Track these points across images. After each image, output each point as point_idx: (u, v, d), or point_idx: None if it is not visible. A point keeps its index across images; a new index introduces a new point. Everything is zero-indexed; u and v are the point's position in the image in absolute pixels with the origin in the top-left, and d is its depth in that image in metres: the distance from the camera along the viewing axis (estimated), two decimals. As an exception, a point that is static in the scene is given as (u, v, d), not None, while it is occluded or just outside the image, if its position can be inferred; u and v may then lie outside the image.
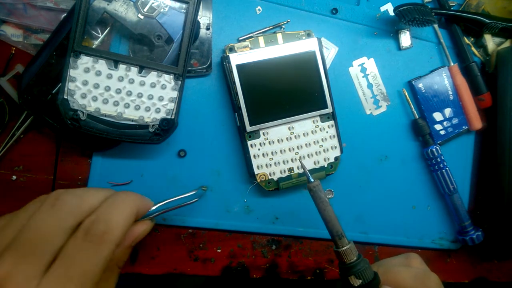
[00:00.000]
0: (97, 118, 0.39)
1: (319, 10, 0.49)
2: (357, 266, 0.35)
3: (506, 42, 0.54)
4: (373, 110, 0.51)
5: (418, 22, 0.47)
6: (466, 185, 0.54)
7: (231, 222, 0.46)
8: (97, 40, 0.41)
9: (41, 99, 0.40)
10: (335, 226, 0.36)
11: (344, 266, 0.35)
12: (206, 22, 0.45)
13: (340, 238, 0.36)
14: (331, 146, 0.46)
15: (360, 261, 0.35)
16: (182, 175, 0.45)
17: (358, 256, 0.36)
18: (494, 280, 0.57)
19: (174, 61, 0.41)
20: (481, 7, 0.54)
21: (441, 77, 0.52)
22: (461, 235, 0.52)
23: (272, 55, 0.43)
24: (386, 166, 0.51)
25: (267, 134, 0.44)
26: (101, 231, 0.27)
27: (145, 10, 0.40)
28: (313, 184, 0.36)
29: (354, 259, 0.35)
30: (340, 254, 0.35)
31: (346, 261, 0.35)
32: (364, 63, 0.50)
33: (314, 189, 0.36)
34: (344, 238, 0.36)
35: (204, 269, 0.46)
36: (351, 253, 0.35)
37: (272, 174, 0.45)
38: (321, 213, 0.36)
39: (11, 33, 0.42)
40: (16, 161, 0.43)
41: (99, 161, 0.43)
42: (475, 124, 0.52)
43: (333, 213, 0.36)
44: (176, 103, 0.41)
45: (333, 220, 0.36)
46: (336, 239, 0.36)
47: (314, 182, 0.36)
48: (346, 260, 0.35)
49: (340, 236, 0.36)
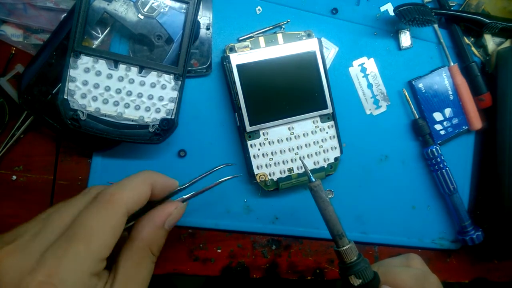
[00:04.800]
0: (97, 118, 0.39)
1: (319, 10, 0.49)
2: (357, 265, 0.35)
3: (506, 42, 0.54)
4: (373, 110, 0.51)
5: (418, 22, 0.47)
6: (466, 185, 0.54)
7: (231, 222, 0.46)
8: (97, 40, 0.41)
9: (41, 99, 0.40)
10: (336, 225, 0.36)
11: (344, 266, 0.35)
12: (206, 22, 0.45)
13: (341, 237, 0.36)
14: (331, 146, 0.46)
15: (360, 261, 0.35)
16: (182, 175, 0.45)
17: (359, 256, 0.36)
18: (494, 280, 0.57)
19: (174, 61, 0.41)
20: (481, 7, 0.54)
21: (441, 77, 0.52)
22: (461, 235, 0.52)
23: (272, 55, 0.43)
24: (386, 166, 0.51)
25: (267, 134, 0.44)
26: (109, 194, 0.27)
27: (145, 10, 0.40)
28: (314, 184, 0.36)
29: (354, 259, 0.35)
30: (340, 253, 0.35)
31: (346, 260, 0.35)
32: (364, 63, 0.50)
33: (315, 189, 0.36)
34: (345, 238, 0.36)
35: (204, 269, 0.46)
36: (352, 252, 0.35)
37: (272, 174, 0.45)
38: (322, 213, 0.36)
39: (11, 33, 0.42)
40: (16, 161, 0.43)
41: (99, 161, 0.43)
42: (475, 124, 0.52)
43: (334, 213, 0.36)
44: (176, 103, 0.41)
45: (333, 220, 0.36)
46: (336, 238, 0.36)
47: (315, 182, 0.36)
48: (346, 260, 0.35)
49: (340, 236, 0.36)
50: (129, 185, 0.29)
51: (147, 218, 0.31)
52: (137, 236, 0.29)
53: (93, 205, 0.27)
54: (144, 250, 0.29)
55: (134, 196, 0.28)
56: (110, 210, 0.27)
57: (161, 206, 0.32)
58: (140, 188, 0.29)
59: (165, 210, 0.31)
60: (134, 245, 0.29)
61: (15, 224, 0.42)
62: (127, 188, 0.28)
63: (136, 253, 0.29)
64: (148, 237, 0.30)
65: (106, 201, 0.27)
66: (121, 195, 0.28)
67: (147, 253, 0.29)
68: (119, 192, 0.28)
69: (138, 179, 0.30)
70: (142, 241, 0.29)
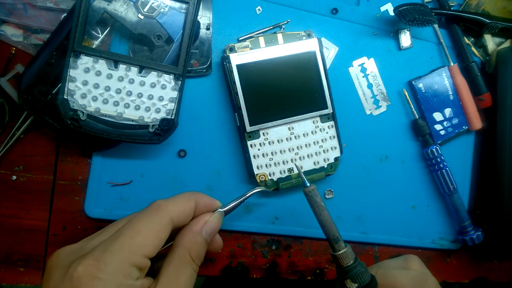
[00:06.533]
0: (97, 118, 0.39)
1: (319, 10, 0.49)
2: (354, 270, 0.35)
3: (506, 42, 0.54)
4: (373, 110, 0.51)
5: (418, 22, 0.47)
6: (466, 185, 0.54)
7: (231, 222, 0.46)
8: (97, 40, 0.41)
9: (41, 99, 0.40)
10: (331, 230, 0.36)
11: (341, 270, 0.36)
12: (206, 22, 0.45)
13: (337, 242, 0.36)
14: (331, 146, 0.46)
15: (357, 264, 0.36)
16: (182, 175, 0.45)
17: (355, 260, 0.36)
18: (494, 280, 0.57)
19: (174, 61, 0.41)
20: (481, 7, 0.54)
21: (441, 77, 0.52)
22: (461, 235, 0.52)
23: (272, 55, 0.43)
24: (386, 166, 0.51)
25: (267, 134, 0.44)
26: (156, 204, 0.32)
27: (145, 10, 0.40)
28: (308, 189, 0.36)
29: (350, 263, 0.36)
30: (336, 257, 0.36)
31: (343, 264, 0.36)
32: (364, 63, 0.50)
33: (310, 194, 0.36)
34: (341, 242, 0.36)
35: (204, 269, 0.46)
36: (348, 257, 0.36)
37: (272, 174, 0.45)
38: (317, 218, 0.37)
39: (11, 33, 0.42)
40: (16, 161, 0.43)
41: (99, 161, 0.43)
42: (475, 124, 0.52)
43: (329, 217, 0.36)
44: (176, 103, 0.41)
45: (329, 224, 0.36)
46: (332, 243, 0.36)
47: (310, 187, 0.36)
48: (342, 264, 0.36)
49: (336, 240, 0.36)
50: (175, 199, 0.33)
51: (186, 227, 0.34)
52: (177, 243, 0.32)
53: (142, 212, 0.31)
54: (184, 256, 0.31)
55: (178, 208, 0.32)
56: (155, 216, 0.31)
57: (200, 215, 0.35)
58: (185, 202, 0.33)
59: (202, 218, 0.34)
60: (175, 251, 0.32)
61: (15, 224, 0.42)
62: (173, 201, 0.33)
63: (176, 258, 0.31)
64: (187, 242, 0.32)
65: (154, 210, 0.31)
66: (167, 206, 0.32)
67: (187, 259, 0.32)
68: (165, 203, 0.32)
69: (184, 195, 0.34)
70: (182, 246, 0.32)
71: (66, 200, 0.43)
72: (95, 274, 0.26)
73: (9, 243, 0.43)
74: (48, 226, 0.43)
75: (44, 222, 0.43)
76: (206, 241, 0.34)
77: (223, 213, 0.36)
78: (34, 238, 0.43)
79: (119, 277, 0.27)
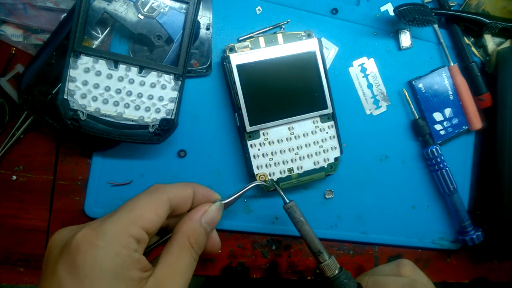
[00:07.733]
0: (97, 118, 0.39)
1: (319, 10, 0.49)
2: (338, 280, 0.37)
3: (506, 42, 0.54)
4: (373, 110, 0.51)
5: (418, 22, 0.47)
6: (466, 185, 0.54)
7: (231, 222, 0.46)
8: (97, 40, 0.41)
9: (41, 99, 0.40)
10: (313, 243, 0.38)
11: (327, 280, 0.38)
12: (206, 22, 0.45)
13: (319, 254, 0.38)
14: (331, 146, 0.46)
15: (341, 275, 0.38)
16: (182, 175, 0.45)
17: (340, 270, 0.38)
18: (494, 280, 0.57)
19: (174, 61, 0.41)
20: (481, 7, 0.54)
21: (441, 77, 0.52)
22: (461, 235, 0.52)
23: (272, 55, 0.43)
24: (386, 166, 0.51)
25: (267, 134, 0.44)
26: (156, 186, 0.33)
27: (145, 10, 0.40)
28: (287, 206, 0.39)
29: (336, 273, 0.38)
30: (320, 269, 0.38)
31: (328, 275, 0.38)
32: (364, 63, 0.50)
33: (289, 210, 0.39)
34: (324, 254, 0.38)
35: (204, 269, 0.46)
36: (331, 268, 0.38)
37: (271, 175, 0.45)
38: (299, 232, 0.39)
39: (11, 33, 0.42)
40: (16, 161, 0.43)
41: (99, 161, 0.43)
42: (475, 124, 0.52)
43: (310, 231, 0.38)
44: (176, 103, 0.41)
45: (310, 238, 0.38)
46: (316, 255, 0.38)
47: (288, 203, 0.39)
48: (328, 274, 0.38)
49: (318, 253, 0.38)
50: (174, 184, 0.34)
51: (186, 215, 0.34)
52: (176, 231, 0.33)
53: (142, 193, 0.32)
54: (183, 242, 0.32)
55: (176, 191, 0.33)
56: (154, 195, 0.32)
57: (200, 205, 0.35)
58: (183, 186, 0.34)
59: (201, 208, 0.35)
60: (174, 238, 0.32)
61: (15, 224, 0.42)
62: (172, 184, 0.34)
63: (175, 245, 0.31)
64: (186, 229, 0.32)
65: (153, 190, 0.33)
66: (165, 187, 0.33)
67: (186, 245, 0.32)
68: (163, 185, 0.33)
69: (182, 183, 0.35)
70: (181, 233, 0.32)
71: (66, 200, 0.43)
72: (94, 241, 0.27)
73: (9, 243, 0.43)
74: (48, 226, 0.43)
75: (44, 222, 0.43)
76: (205, 230, 0.34)
77: (223, 205, 0.37)
78: (34, 238, 0.43)
79: (117, 246, 0.27)
